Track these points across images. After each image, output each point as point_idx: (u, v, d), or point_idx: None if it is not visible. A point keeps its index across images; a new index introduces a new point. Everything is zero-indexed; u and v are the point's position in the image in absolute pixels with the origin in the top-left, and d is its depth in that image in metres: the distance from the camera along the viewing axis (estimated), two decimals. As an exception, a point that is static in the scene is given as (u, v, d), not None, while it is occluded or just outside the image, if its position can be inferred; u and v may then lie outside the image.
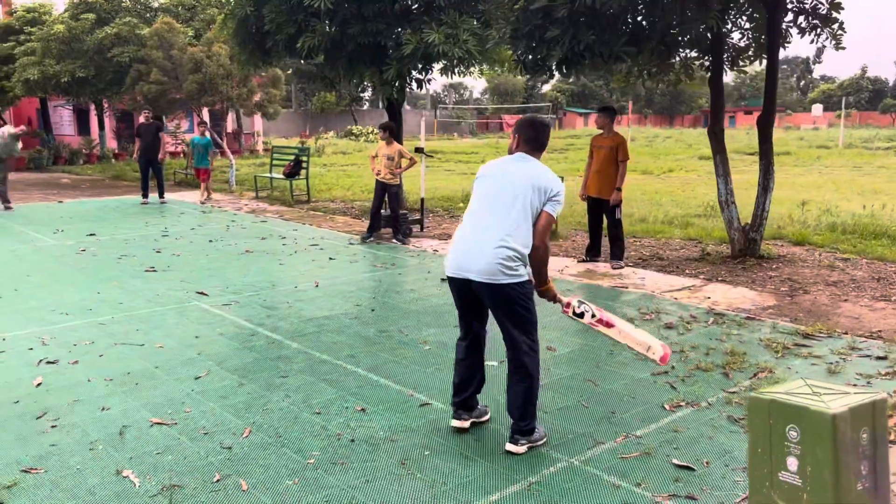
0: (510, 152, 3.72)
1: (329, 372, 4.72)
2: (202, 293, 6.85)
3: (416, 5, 10.39)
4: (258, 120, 32.20)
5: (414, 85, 12.32)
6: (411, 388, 4.42)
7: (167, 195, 14.79)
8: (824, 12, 8.15)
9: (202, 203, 14.19)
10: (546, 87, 78.19)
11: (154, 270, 7.89)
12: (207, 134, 15.24)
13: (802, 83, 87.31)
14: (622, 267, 7.91)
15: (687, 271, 7.77)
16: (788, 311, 6.17)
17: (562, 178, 10.62)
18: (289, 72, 35.41)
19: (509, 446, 3.55)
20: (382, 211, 9.97)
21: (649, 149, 33.33)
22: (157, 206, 13.80)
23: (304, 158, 14.79)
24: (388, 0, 10.17)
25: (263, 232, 10.71)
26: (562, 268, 8.02)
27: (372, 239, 9.81)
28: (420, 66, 11.36)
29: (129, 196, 15.63)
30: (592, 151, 8.15)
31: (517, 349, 3.53)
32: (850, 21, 8.48)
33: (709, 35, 8.16)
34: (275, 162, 16.59)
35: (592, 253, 8.29)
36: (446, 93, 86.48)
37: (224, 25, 12.53)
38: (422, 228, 10.69)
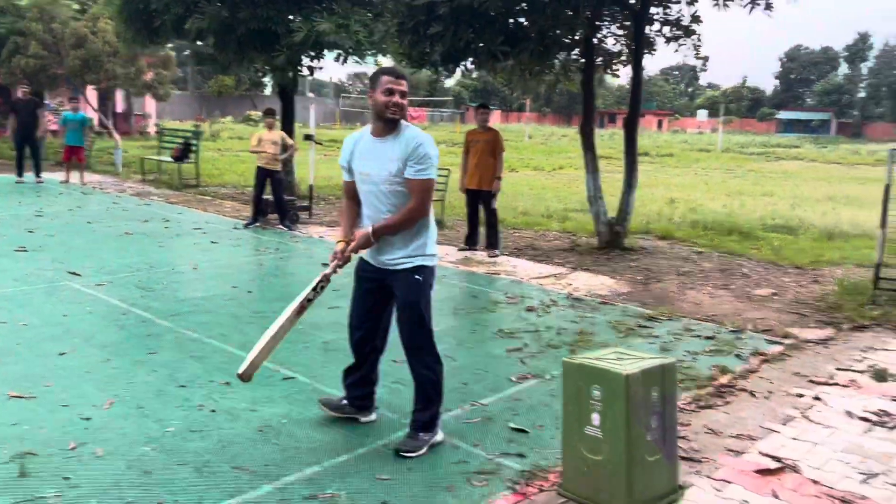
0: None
1: (198, 349, 4.84)
2: (74, 273, 6.75)
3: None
4: (150, 101, 31.02)
5: (306, 71, 12.37)
6: (277, 364, 4.61)
7: (45, 175, 14.16)
8: (686, 24, 8.87)
9: (62, 183, 13.59)
10: (450, 82, 79.19)
11: (24, 250, 7.66)
12: (83, 110, 14.60)
13: (690, 89, 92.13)
14: (497, 255, 8.34)
15: (556, 260, 8.29)
16: (640, 297, 6.75)
17: (448, 172, 11.10)
18: (185, 53, 34.28)
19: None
20: (268, 198, 9.99)
21: (544, 146, 34.53)
22: (32, 186, 13.21)
23: (194, 142, 14.52)
24: (279, -14, 10.20)
25: (146, 215, 10.52)
26: (442, 255, 8.37)
27: (258, 224, 9.82)
28: (312, 54, 11.43)
29: (2, 175, 14.85)
30: (468, 146, 8.51)
31: None
32: (733, 33, 9.23)
33: (579, 38, 8.68)
34: (164, 145, 16.17)
35: (471, 242, 8.68)
36: (350, 82, 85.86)
37: (108, 1, 12.13)
38: (310, 215, 10.79)
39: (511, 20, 8.07)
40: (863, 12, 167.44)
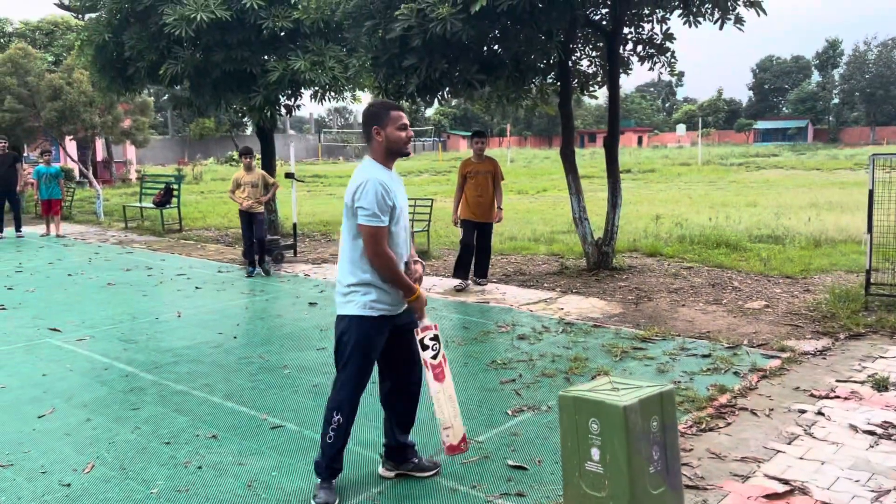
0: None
1: (182, 402, 4.69)
2: (55, 329, 6.59)
3: (283, 33, 10.45)
4: (131, 148, 30.94)
5: (283, 111, 12.35)
6: (266, 412, 4.48)
7: (25, 228, 13.99)
8: (659, 42, 8.92)
9: (42, 236, 13.46)
10: (429, 112, 79.73)
11: (3, 308, 7.50)
12: (62, 161, 14.51)
13: (668, 104, 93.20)
14: (486, 284, 8.24)
15: (545, 285, 8.21)
16: (632, 317, 6.66)
17: (431, 201, 11.05)
18: (164, 97, 34.32)
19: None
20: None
21: (527, 169, 34.65)
22: (13, 241, 13.03)
23: (175, 187, 14.42)
24: (252, 28, 10.19)
25: (129, 263, 10.36)
26: (430, 286, 8.27)
27: (259, 272, 9.42)
28: (289, 92, 11.42)
29: (-19, 231, 14.65)
30: (466, 178, 8.18)
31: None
32: (707, 47, 9.28)
33: (553, 62, 8.70)
34: (145, 191, 16.05)
35: (466, 274, 8.38)
36: (331, 117, 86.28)
37: (81, 52, 12.09)
38: (295, 254, 10.68)
39: (485, 48, 8.07)
40: (831, 20, 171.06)
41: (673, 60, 9.00)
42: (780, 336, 5.91)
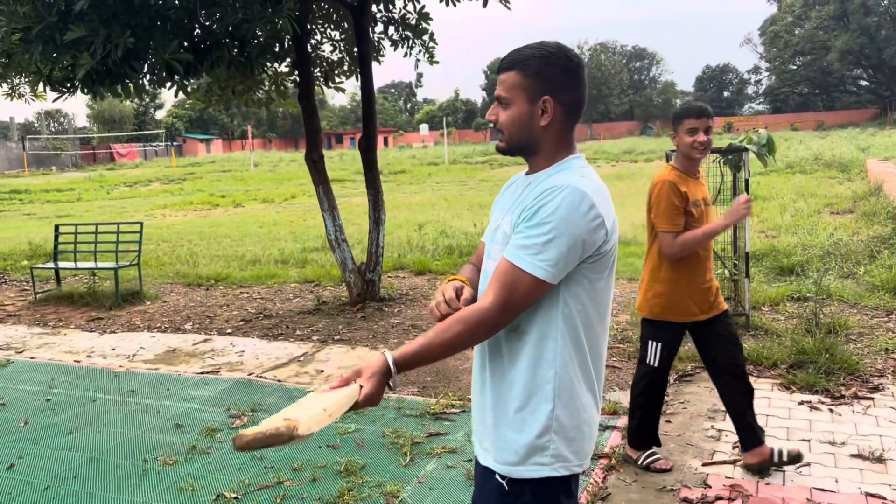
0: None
1: None
2: None
3: None
4: None
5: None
6: None
7: None
8: (414, 23, 7.44)
9: None
10: (161, 114, 72.61)
11: None
12: None
13: (409, 105, 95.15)
14: None
15: (298, 332, 6.30)
16: (414, 375, 5.04)
17: (141, 223, 8.56)
18: None
19: None
20: None
21: (273, 174, 32.14)
22: None
23: None
24: None
25: None
26: (135, 351, 5.97)
27: None
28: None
29: None
30: None
31: None
32: (441, 49, 7.94)
33: (288, 44, 6.84)
34: None
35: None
36: (39, 121, 75.09)
37: None
38: (-61, 311, 7.58)
39: (189, 18, 5.93)
40: (551, 26, 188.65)
41: (432, 45, 7.59)
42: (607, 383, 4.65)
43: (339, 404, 1.57)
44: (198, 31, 6.30)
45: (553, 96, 1.65)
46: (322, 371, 5.23)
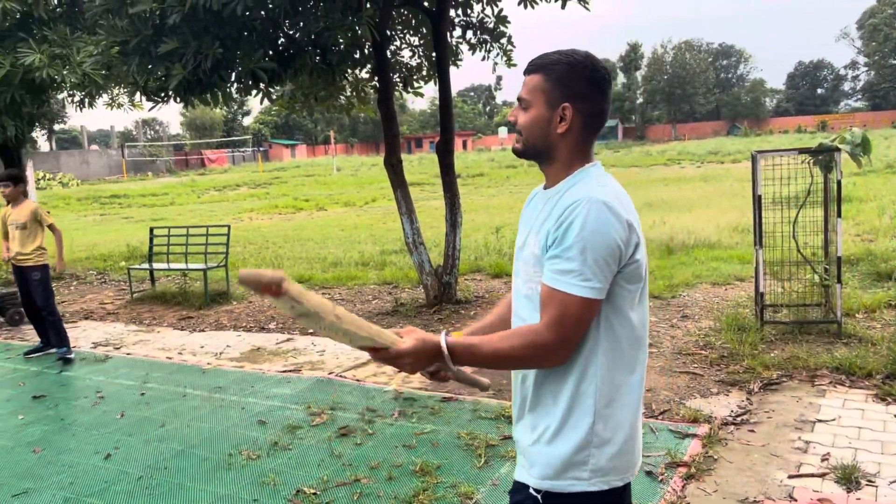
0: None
1: None
2: None
3: (6, 20, 7.85)
4: None
5: (38, 125, 9.65)
6: None
7: None
8: (492, 26, 7.46)
9: None
10: (248, 120, 75.30)
11: None
12: None
13: (488, 108, 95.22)
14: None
15: (376, 333, 6.42)
16: (490, 376, 5.03)
17: (228, 226, 8.91)
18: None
19: None
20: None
21: (354, 178, 32.80)
22: None
23: None
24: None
25: None
26: (222, 349, 6.23)
27: (40, 354, 6.39)
28: (28, 96, 8.75)
29: None
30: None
31: None
32: (530, 49, 7.91)
33: (368, 50, 6.98)
34: None
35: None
36: (137, 129, 79.26)
37: None
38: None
39: (274, 28, 6.15)
40: (631, 24, 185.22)
41: (510, 48, 7.59)
42: (680, 393, 4.54)
43: (358, 323, 1.51)
44: (281, 40, 6.54)
45: (573, 104, 1.63)
46: (399, 372, 5.31)
